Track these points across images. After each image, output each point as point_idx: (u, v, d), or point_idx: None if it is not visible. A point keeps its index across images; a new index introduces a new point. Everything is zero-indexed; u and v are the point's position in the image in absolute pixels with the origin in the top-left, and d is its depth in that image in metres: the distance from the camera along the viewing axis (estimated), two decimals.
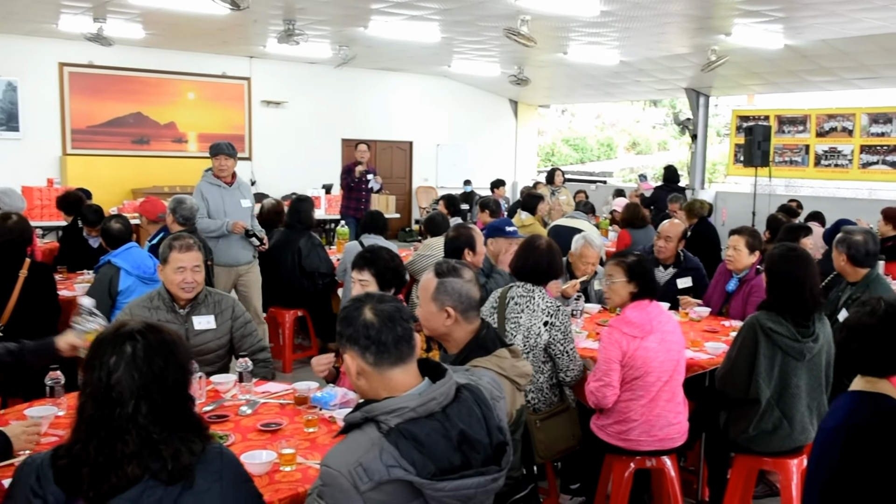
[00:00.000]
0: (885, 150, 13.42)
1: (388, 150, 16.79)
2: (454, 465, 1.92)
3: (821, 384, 3.72)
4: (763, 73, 13.66)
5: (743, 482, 3.85)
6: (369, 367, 2.02)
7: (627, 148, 29.82)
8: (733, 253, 5.23)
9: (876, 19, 9.64)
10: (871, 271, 4.52)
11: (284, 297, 6.92)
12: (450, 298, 2.83)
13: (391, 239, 14.27)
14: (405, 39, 11.66)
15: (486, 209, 8.14)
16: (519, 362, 2.86)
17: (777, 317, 3.61)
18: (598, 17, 9.73)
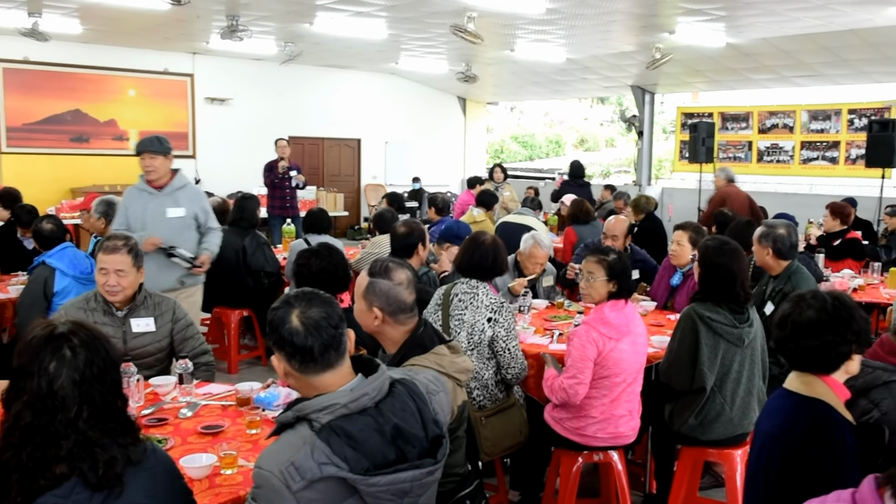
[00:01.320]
0: (825, 147, 13.73)
1: (336, 147, 16.67)
2: (389, 459, 1.91)
3: (758, 369, 3.79)
4: (706, 71, 13.87)
5: (689, 474, 3.89)
6: (295, 371, 2.02)
7: (576, 145, 30.07)
8: (677, 248, 5.29)
9: (814, 18, 9.85)
10: (791, 263, 4.62)
11: (229, 296, 6.80)
12: (377, 299, 2.78)
13: (339, 237, 14.25)
14: (351, 36, 11.57)
15: (433, 206, 8.12)
16: (458, 358, 2.83)
17: (713, 306, 3.66)
18: (544, 14, 9.77)
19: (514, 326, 3.91)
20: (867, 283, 6.57)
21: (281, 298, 2.10)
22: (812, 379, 2.31)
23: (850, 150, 13.34)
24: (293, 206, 10.62)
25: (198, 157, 14.47)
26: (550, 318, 5.01)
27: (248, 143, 14.55)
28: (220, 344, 7.17)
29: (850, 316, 2.29)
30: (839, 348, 2.28)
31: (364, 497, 1.87)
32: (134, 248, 3.76)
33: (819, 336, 2.28)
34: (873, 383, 2.49)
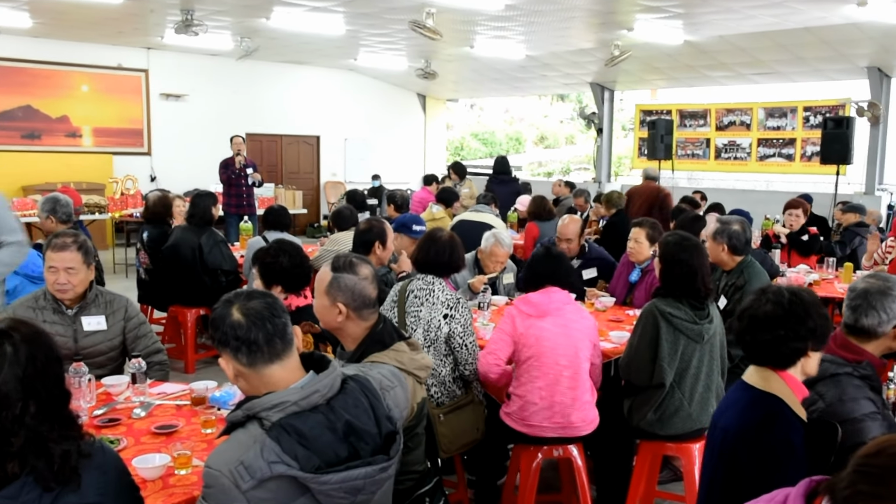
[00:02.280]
0: (781, 143, 13.94)
1: (295, 144, 16.54)
2: (341, 457, 1.89)
3: (717, 364, 3.81)
4: (664, 69, 14.00)
5: (648, 468, 3.90)
6: (244, 368, 1.98)
7: (536, 142, 30.21)
8: (635, 245, 5.31)
9: (770, 16, 9.99)
10: (745, 258, 4.69)
11: (185, 295, 6.69)
12: (342, 295, 2.76)
13: (298, 235, 14.12)
14: (309, 31, 11.48)
15: (391, 203, 8.08)
16: (418, 355, 2.81)
17: (674, 302, 3.67)
18: (503, 10, 9.77)
19: (471, 322, 3.89)
20: (822, 279, 6.67)
21: (220, 300, 2.06)
22: (769, 374, 2.31)
23: (805, 147, 13.56)
24: (250, 205, 10.50)
25: (153, 155, 14.28)
26: None
27: (204, 140, 14.37)
28: (176, 343, 7.07)
29: (806, 312, 2.29)
30: (791, 344, 2.28)
31: (316, 496, 1.85)
32: (84, 244, 3.67)
33: (772, 330, 2.29)
34: (821, 375, 2.52)
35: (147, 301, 7.29)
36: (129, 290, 6.41)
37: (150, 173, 14.10)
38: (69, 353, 3.51)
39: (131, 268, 10.70)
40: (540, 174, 24.99)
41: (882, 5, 8.97)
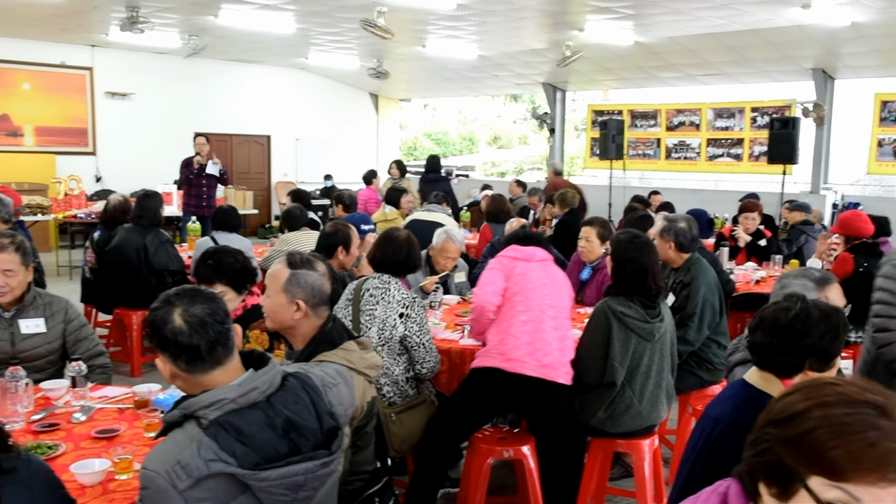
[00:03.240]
0: (729, 144, 14.16)
1: (245, 144, 16.35)
2: (281, 453, 1.87)
3: (667, 362, 3.83)
4: (616, 69, 14.14)
5: (599, 464, 3.91)
6: (182, 372, 1.94)
7: (489, 142, 30.30)
8: (586, 244, 5.33)
9: (717, 18, 10.14)
10: (692, 255, 4.73)
11: (131, 297, 6.54)
12: (302, 291, 2.75)
13: (249, 236, 13.95)
14: (258, 30, 11.35)
15: (339, 203, 8.00)
16: (368, 354, 2.79)
17: (626, 301, 3.68)
18: (455, 10, 9.77)
19: (426, 321, 3.88)
20: (769, 276, 6.77)
21: (160, 298, 2.00)
22: (770, 377, 2.27)
23: (753, 147, 13.79)
24: (210, 205, 10.30)
25: (98, 154, 13.99)
26: (462, 313, 5.00)
27: (151, 140, 14.12)
28: (122, 346, 6.91)
29: (806, 330, 2.21)
30: (782, 356, 2.23)
31: (256, 493, 1.82)
32: (21, 245, 3.56)
33: (768, 336, 2.25)
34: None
35: (91, 301, 7.13)
36: (73, 294, 6.26)
37: (95, 173, 13.81)
38: (6, 357, 3.43)
39: (76, 270, 10.46)
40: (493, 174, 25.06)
41: (825, 9, 9.17)
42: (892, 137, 12.29)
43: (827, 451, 1.21)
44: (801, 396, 1.30)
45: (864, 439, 1.20)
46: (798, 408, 1.28)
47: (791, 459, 1.25)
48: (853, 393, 1.27)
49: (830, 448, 1.21)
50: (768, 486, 1.31)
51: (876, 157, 12.50)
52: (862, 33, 10.34)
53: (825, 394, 1.28)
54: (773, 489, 1.29)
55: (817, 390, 1.30)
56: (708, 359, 4.54)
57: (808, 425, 1.24)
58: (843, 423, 1.23)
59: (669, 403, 3.91)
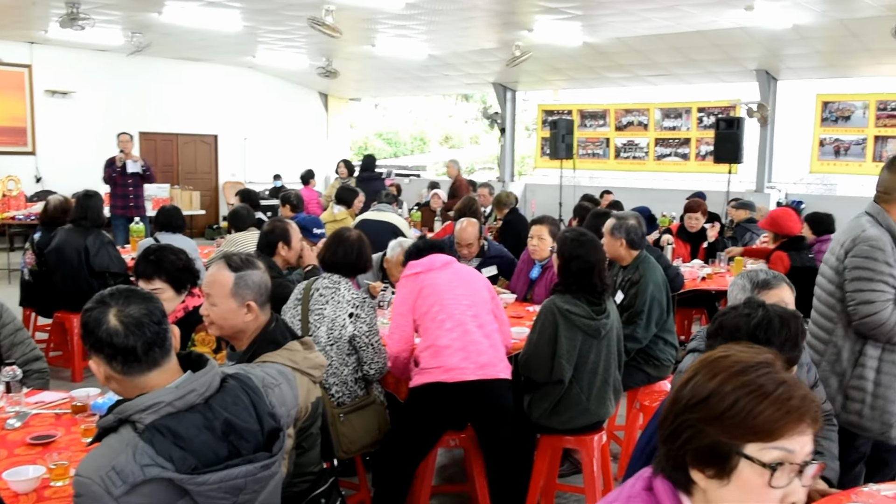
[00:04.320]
0: (677, 143, 14.37)
1: (192, 143, 16.09)
2: (220, 456, 1.84)
3: (614, 359, 3.85)
4: (565, 69, 14.23)
5: (548, 461, 3.92)
6: (118, 374, 1.89)
7: (441, 142, 30.30)
8: (537, 242, 5.33)
9: (663, 19, 10.26)
10: (640, 253, 4.79)
11: (72, 300, 6.36)
12: (251, 292, 2.73)
13: (197, 237, 13.73)
14: (204, 27, 11.19)
15: (287, 203, 7.90)
16: (312, 354, 2.76)
17: (572, 298, 3.69)
18: (404, 9, 9.73)
19: (375, 322, 3.86)
20: (714, 272, 6.86)
21: (94, 298, 1.95)
22: None
23: (699, 146, 14.00)
24: (138, 206, 10.08)
25: (38, 154, 13.62)
26: None
27: (94, 139, 13.79)
28: (63, 351, 6.74)
29: (767, 339, 2.21)
30: None
31: (195, 497, 1.79)
32: None
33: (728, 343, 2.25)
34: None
35: (31, 305, 6.93)
36: (11, 297, 6.10)
37: (34, 174, 13.45)
38: None
39: (14, 273, 10.16)
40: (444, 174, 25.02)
41: (768, 11, 9.35)
42: (833, 137, 12.59)
43: (756, 416, 1.26)
44: (706, 376, 1.33)
45: (782, 395, 1.28)
46: (710, 387, 1.32)
47: (725, 436, 1.28)
48: (748, 357, 1.34)
49: (759, 413, 1.26)
50: (704, 470, 1.32)
51: (818, 156, 12.79)
52: (803, 35, 10.57)
53: (726, 366, 1.33)
54: (710, 471, 1.31)
55: (717, 365, 1.35)
56: (655, 355, 4.59)
57: (729, 399, 1.28)
58: (759, 387, 1.29)
59: (617, 399, 3.94)
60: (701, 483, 1.33)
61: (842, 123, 12.50)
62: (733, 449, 1.28)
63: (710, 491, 1.32)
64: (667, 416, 1.36)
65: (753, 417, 1.27)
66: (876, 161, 12.23)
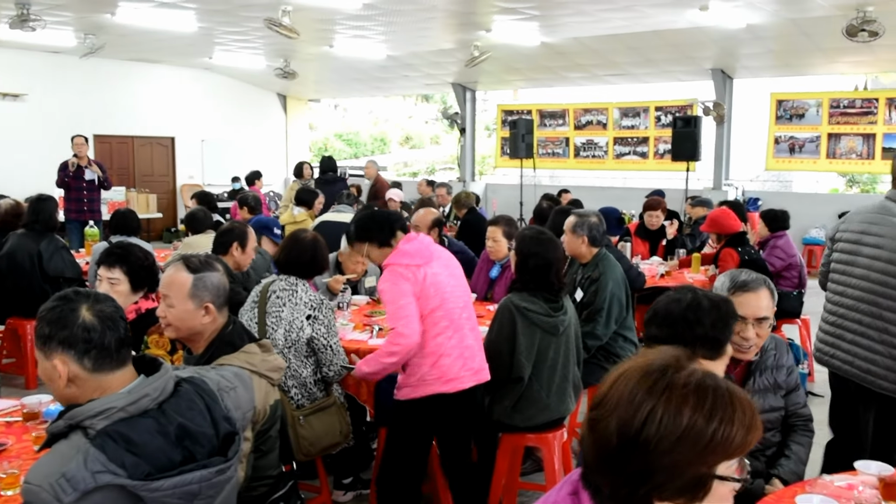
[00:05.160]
0: (635, 142, 14.51)
1: (148, 146, 15.86)
2: (175, 461, 1.80)
3: (573, 356, 3.87)
4: (524, 69, 14.29)
5: (509, 460, 3.92)
6: (86, 372, 1.85)
7: (401, 143, 30.25)
8: (493, 244, 5.35)
9: (621, 19, 10.35)
10: (600, 250, 4.83)
11: (25, 305, 6.22)
12: (209, 294, 2.70)
13: (154, 240, 13.55)
14: (159, 28, 11.05)
15: (244, 205, 7.82)
16: (270, 356, 2.74)
17: (529, 296, 3.70)
18: (361, 10, 9.70)
19: (334, 323, 3.84)
20: (672, 269, 6.93)
21: (55, 297, 1.90)
22: None
23: (658, 145, 14.15)
24: (93, 210, 9.92)
25: None
26: (371, 313, 4.98)
27: (47, 143, 13.49)
28: (16, 358, 6.59)
29: (697, 320, 2.29)
30: (675, 345, 2.26)
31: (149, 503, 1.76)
32: None
33: (661, 327, 2.32)
34: None
35: None
36: None
37: None
38: None
39: None
40: (405, 174, 25.02)
41: (722, 11, 9.48)
42: (787, 135, 12.81)
43: (732, 440, 1.27)
44: (670, 409, 1.28)
45: (745, 412, 1.30)
46: (683, 423, 1.27)
47: (704, 467, 1.28)
48: (687, 373, 1.32)
49: (734, 436, 1.27)
50: (676, 500, 1.31)
51: (773, 153, 13.01)
52: (757, 35, 10.74)
53: (683, 394, 1.29)
54: (683, 499, 1.31)
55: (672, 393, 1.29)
56: (615, 352, 4.62)
57: (707, 432, 1.27)
58: (730, 412, 1.29)
59: (577, 396, 3.96)
60: None
61: (796, 121, 12.73)
62: (710, 474, 1.29)
63: None
64: (625, 458, 1.30)
65: (730, 442, 1.27)
66: (830, 158, 12.48)
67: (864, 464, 2.51)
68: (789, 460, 2.91)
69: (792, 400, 3.00)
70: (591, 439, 1.35)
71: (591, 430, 1.35)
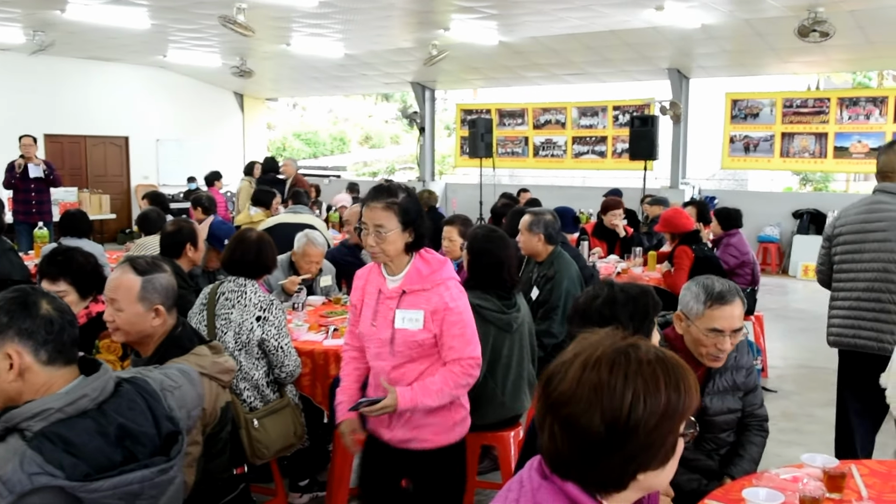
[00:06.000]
0: (594, 141, 14.60)
1: (101, 145, 15.59)
2: (115, 461, 1.79)
3: (527, 353, 3.87)
4: (483, 69, 14.30)
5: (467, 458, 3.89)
6: (39, 365, 1.83)
7: (361, 142, 30.12)
8: (449, 243, 5.33)
9: (577, 19, 10.40)
10: (555, 248, 4.85)
11: None
12: (159, 296, 2.66)
13: (108, 242, 13.30)
14: (111, 25, 10.87)
15: (198, 206, 7.71)
16: (220, 358, 2.70)
17: (482, 294, 3.69)
18: (318, 7, 9.63)
19: (285, 324, 3.79)
20: (629, 267, 6.98)
21: (12, 289, 1.88)
22: None
23: (616, 144, 14.26)
24: (42, 211, 9.70)
25: None
26: (326, 314, 4.93)
27: None
28: None
29: (613, 315, 2.31)
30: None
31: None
32: None
33: (581, 325, 2.30)
34: None
35: None
36: None
37: None
38: None
39: None
40: (365, 174, 24.93)
41: (677, 11, 9.57)
42: (742, 134, 12.98)
43: (691, 403, 1.39)
44: (650, 391, 1.35)
45: (689, 376, 1.41)
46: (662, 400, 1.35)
47: (676, 431, 1.38)
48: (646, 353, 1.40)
49: (692, 401, 1.39)
50: (650, 470, 1.39)
51: (729, 152, 13.18)
52: (712, 35, 10.86)
53: (650, 373, 1.37)
54: (660, 466, 1.40)
55: (645, 375, 1.37)
56: None
57: (680, 402, 1.37)
58: (681, 376, 1.39)
59: (532, 393, 3.95)
60: (641, 477, 1.39)
61: (751, 121, 12.91)
62: (678, 436, 1.40)
63: (648, 479, 1.40)
64: (616, 445, 1.35)
65: (690, 405, 1.38)
66: (783, 157, 12.67)
67: (810, 456, 2.55)
68: (742, 459, 2.92)
69: (749, 400, 3.01)
70: (569, 435, 1.36)
71: (567, 426, 1.36)
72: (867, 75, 19.18)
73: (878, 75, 18.80)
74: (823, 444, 5.04)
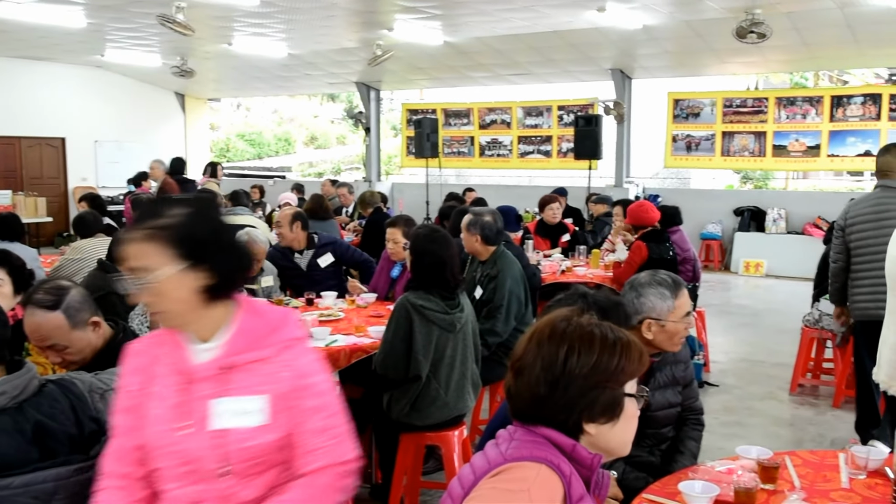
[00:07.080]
0: (539, 141, 14.68)
1: (37, 147, 15.17)
2: (30, 459, 1.80)
3: (471, 353, 3.86)
4: (428, 69, 14.28)
5: (411, 459, 3.89)
6: None
7: (306, 143, 29.84)
8: (393, 245, 5.28)
9: (521, 20, 10.44)
10: (497, 248, 4.86)
11: None
12: (85, 312, 2.61)
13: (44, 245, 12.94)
14: (44, 24, 10.54)
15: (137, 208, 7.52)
16: None
17: (425, 294, 3.67)
18: (259, 7, 9.51)
19: None
20: (573, 265, 7.01)
21: None
22: None
23: (561, 143, 14.35)
24: None
25: None
26: None
27: None
28: None
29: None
30: None
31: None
32: None
33: None
34: None
35: None
36: None
37: None
38: None
39: None
40: (311, 174, 24.71)
41: (619, 12, 9.68)
42: (684, 133, 13.18)
43: (631, 363, 1.64)
44: (586, 349, 1.62)
45: (634, 347, 1.67)
46: (594, 357, 1.62)
47: (616, 385, 1.63)
48: (588, 321, 1.69)
49: (632, 361, 1.65)
50: (599, 420, 1.63)
51: (671, 151, 13.37)
52: (653, 36, 11.00)
53: (592, 335, 1.64)
54: (604, 418, 1.63)
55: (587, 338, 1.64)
56: None
57: (613, 360, 1.62)
58: (625, 345, 1.65)
59: (476, 393, 3.95)
60: (592, 431, 1.63)
61: (692, 120, 13.11)
62: (621, 392, 1.64)
63: (599, 436, 1.64)
64: (556, 391, 1.61)
65: (630, 365, 1.64)
66: (724, 156, 12.90)
67: (745, 449, 2.59)
68: (683, 456, 2.94)
69: (687, 394, 3.04)
70: (520, 385, 1.66)
71: (517, 376, 1.66)
72: (804, 76, 19.64)
73: (814, 76, 19.25)
74: (764, 436, 5.15)
